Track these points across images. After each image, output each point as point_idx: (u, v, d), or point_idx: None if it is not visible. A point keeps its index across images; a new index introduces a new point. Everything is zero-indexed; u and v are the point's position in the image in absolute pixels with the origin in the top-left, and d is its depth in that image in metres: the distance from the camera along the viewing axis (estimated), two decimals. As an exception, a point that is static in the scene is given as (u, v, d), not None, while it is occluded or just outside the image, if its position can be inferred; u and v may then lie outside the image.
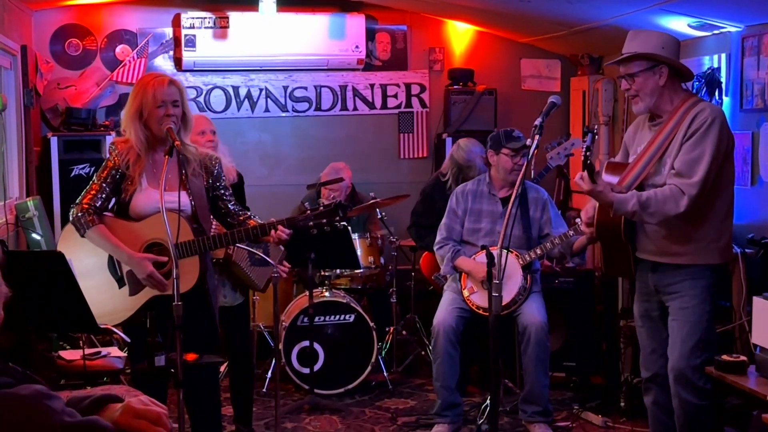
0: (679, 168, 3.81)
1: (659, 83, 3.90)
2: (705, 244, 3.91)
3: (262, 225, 3.96)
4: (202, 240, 3.91)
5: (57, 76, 6.88)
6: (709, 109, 3.86)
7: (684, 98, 3.94)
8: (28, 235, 5.45)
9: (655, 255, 4.01)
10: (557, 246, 5.01)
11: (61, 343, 5.01)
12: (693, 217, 3.85)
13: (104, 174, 3.95)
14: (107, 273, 3.98)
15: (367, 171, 7.20)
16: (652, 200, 3.79)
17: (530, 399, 5.09)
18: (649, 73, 3.90)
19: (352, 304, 6.00)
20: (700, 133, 3.79)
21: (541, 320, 5.03)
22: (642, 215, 3.81)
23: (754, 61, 5.13)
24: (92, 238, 3.91)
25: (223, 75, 7.21)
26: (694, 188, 3.75)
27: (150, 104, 3.86)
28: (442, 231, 5.38)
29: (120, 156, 3.93)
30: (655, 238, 3.97)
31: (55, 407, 1.97)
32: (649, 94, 3.92)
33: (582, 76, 7.23)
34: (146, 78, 4.02)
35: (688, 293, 3.93)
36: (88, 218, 3.88)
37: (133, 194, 3.94)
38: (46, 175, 6.29)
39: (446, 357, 5.09)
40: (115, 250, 3.91)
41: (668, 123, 3.90)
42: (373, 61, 7.41)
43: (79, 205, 3.91)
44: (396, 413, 5.61)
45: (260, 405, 5.78)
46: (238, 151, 7.13)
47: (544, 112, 3.71)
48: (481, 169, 5.96)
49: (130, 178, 3.93)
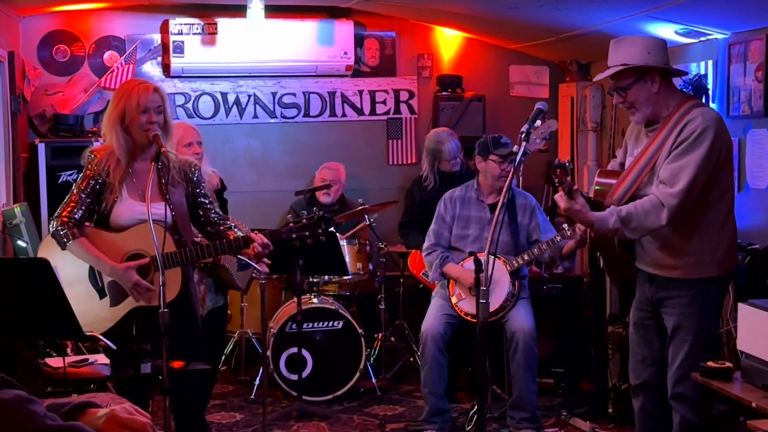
0: (663, 176, 3.70)
1: (653, 90, 3.77)
2: (701, 257, 3.79)
3: (245, 237, 3.97)
4: (184, 252, 3.90)
5: (45, 82, 6.87)
6: (701, 117, 3.69)
7: (680, 102, 3.80)
8: (14, 242, 5.43)
9: (651, 267, 3.93)
10: (545, 251, 5.02)
11: (47, 350, 4.98)
12: (686, 229, 3.76)
13: (83, 185, 3.91)
14: (88, 284, 3.96)
15: (355, 177, 7.20)
16: (633, 215, 3.67)
17: (518, 405, 5.09)
18: (640, 83, 3.76)
19: (340, 310, 5.99)
20: (688, 143, 3.66)
21: (529, 326, 5.03)
22: (624, 231, 3.70)
23: (740, 67, 5.14)
24: (74, 251, 3.89)
25: (211, 81, 7.20)
26: (674, 198, 3.64)
27: (133, 110, 3.83)
28: (430, 237, 5.38)
29: (99, 164, 3.89)
30: (651, 249, 3.89)
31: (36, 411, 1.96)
32: (644, 104, 3.78)
33: (570, 83, 7.24)
34: (129, 84, 3.99)
35: (686, 311, 3.83)
36: (68, 231, 3.86)
37: (113, 205, 3.91)
38: (34, 181, 6.27)
39: (434, 363, 5.08)
40: (97, 262, 3.90)
41: (662, 130, 3.79)
42: (361, 68, 7.41)
43: (58, 218, 3.89)
44: (384, 420, 5.61)
45: (248, 412, 5.76)
46: (226, 157, 7.13)
47: (531, 118, 3.70)
48: (452, 150, 6.14)
49: (110, 187, 3.89)
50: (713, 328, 3.90)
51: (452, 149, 6.18)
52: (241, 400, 6.01)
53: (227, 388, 6.26)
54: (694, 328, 3.82)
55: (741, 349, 3.69)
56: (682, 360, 3.85)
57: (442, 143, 6.23)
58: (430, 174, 6.26)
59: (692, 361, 3.81)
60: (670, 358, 3.90)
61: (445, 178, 6.22)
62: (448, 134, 6.32)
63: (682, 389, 3.86)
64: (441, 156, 6.20)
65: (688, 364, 3.82)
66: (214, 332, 5.16)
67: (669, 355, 3.91)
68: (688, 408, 3.85)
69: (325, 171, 6.70)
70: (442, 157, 6.19)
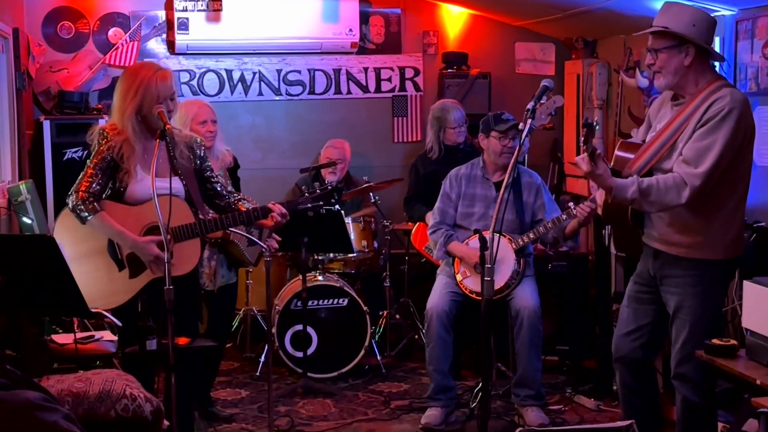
0: (687, 155, 3.66)
1: (684, 63, 3.72)
2: (711, 237, 3.77)
3: (264, 207, 4.08)
4: (202, 222, 3.96)
5: (49, 59, 6.85)
6: (730, 97, 3.64)
7: (710, 81, 3.75)
8: (20, 219, 5.43)
9: (657, 242, 3.91)
10: (550, 230, 5.02)
11: (53, 327, 5.00)
12: (698, 208, 3.72)
13: (97, 160, 3.95)
14: (107, 256, 3.99)
15: (360, 155, 7.18)
16: (653, 188, 3.65)
17: (523, 383, 5.10)
18: (674, 50, 3.72)
19: (345, 288, 6.00)
20: (715, 122, 3.62)
21: (534, 304, 5.03)
22: (641, 203, 3.68)
23: (747, 44, 5.11)
24: (94, 225, 3.92)
25: (216, 58, 7.17)
26: (698, 179, 3.61)
27: (153, 101, 3.90)
28: (435, 215, 5.38)
29: (114, 148, 3.93)
30: (658, 224, 3.87)
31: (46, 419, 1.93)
32: (672, 72, 3.74)
33: (576, 60, 7.21)
34: (146, 72, 3.97)
35: (690, 290, 3.81)
36: (88, 206, 3.89)
37: (128, 184, 3.96)
38: (39, 158, 6.26)
39: (439, 341, 5.09)
40: (119, 235, 3.94)
41: (689, 106, 3.74)
42: (366, 45, 7.38)
43: (76, 193, 3.91)
44: (389, 397, 5.63)
45: (253, 389, 5.79)
46: (231, 134, 7.10)
47: (537, 96, 3.68)
48: (457, 118, 6.18)
49: (125, 170, 3.95)
50: (716, 311, 3.88)
51: (457, 117, 6.21)
52: (247, 377, 6.04)
53: (233, 365, 6.29)
54: (696, 309, 3.81)
55: (746, 327, 3.68)
56: (684, 341, 3.83)
57: (447, 111, 6.25)
58: (435, 144, 6.27)
59: (694, 342, 3.79)
60: (673, 338, 3.90)
61: (450, 150, 6.23)
62: (453, 103, 6.36)
63: (684, 369, 3.85)
64: (445, 124, 6.21)
65: (690, 345, 3.81)
66: (223, 309, 5.20)
67: (672, 335, 3.91)
68: (690, 388, 3.85)
69: (330, 149, 6.68)
70: (447, 125, 6.20)
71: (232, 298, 5.32)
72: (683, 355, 3.84)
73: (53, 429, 1.97)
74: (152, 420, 3.24)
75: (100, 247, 3.99)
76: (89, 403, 3.17)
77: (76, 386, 3.24)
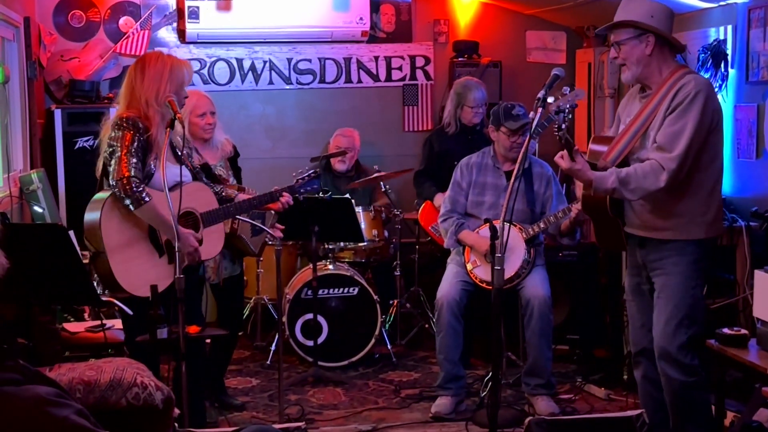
0: (660, 142, 3.77)
1: (645, 52, 3.85)
2: (690, 219, 3.86)
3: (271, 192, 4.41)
4: (225, 208, 4.14)
5: (60, 48, 6.86)
6: (694, 81, 3.79)
7: (673, 70, 3.88)
8: (31, 208, 5.45)
9: (641, 230, 3.98)
10: (560, 219, 5.01)
11: (65, 315, 5.02)
12: (677, 192, 3.81)
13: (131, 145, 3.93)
14: (148, 242, 4.02)
15: (371, 144, 7.18)
16: (632, 176, 3.75)
17: (533, 372, 5.10)
18: (635, 41, 3.86)
19: (355, 277, 6.00)
20: (683, 106, 3.74)
21: (545, 293, 5.03)
22: (622, 192, 3.77)
23: (760, 32, 5.09)
24: (144, 211, 3.90)
25: (226, 47, 7.17)
26: (673, 162, 3.71)
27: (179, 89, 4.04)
28: (446, 203, 5.37)
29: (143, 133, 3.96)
30: (641, 212, 3.95)
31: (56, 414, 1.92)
32: (635, 62, 3.88)
33: (588, 48, 7.18)
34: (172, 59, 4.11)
35: (673, 270, 3.89)
36: (143, 192, 3.88)
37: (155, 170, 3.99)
38: (50, 147, 6.28)
39: (450, 330, 5.09)
40: (164, 225, 3.93)
41: (656, 95, 3.86)
42: (377, 33, 7.37)
43: (125, 178, 3.86)
44: (399, 386, 5.63)
45: (264, 377, 5.81)
46: (241, 123, 7.13)
47: (547, 84, 3.69)
48: (477, 97, 6.15)
49: (154, 155, 3.99)
50: (698, 291, 3.93)
51: (477, 97, 6.17)
52: (257, 366, 6.05)
53: (243, 353, 6.30)
54: (679, 288, 3.88)
55: (757, 316, 3.69)
56: (667, 319, 3.89)
57: (469, 89, 6.21)
58: (452, 120, 6.26)
59: (676, 321, 3.85)
60: (655, 318, 3.95)
61: (466, 130, 6.24)
62: (477, 83, 6.32)
63: (667, 349, 3.89)
64: (464, 101, 6.18)
65: (672, 325, 3.86)
66: (230, 299, 5.22)
67: (654, 316, 3.96)
68: (674, 367, 3.88)
69: (340, 138, 6.68)
70: (465, 102, 6.17)
71: (239, 288, 5.33)
72: (666, 335, 3.88)
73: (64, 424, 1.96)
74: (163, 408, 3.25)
75: (143, 234, 4.00)
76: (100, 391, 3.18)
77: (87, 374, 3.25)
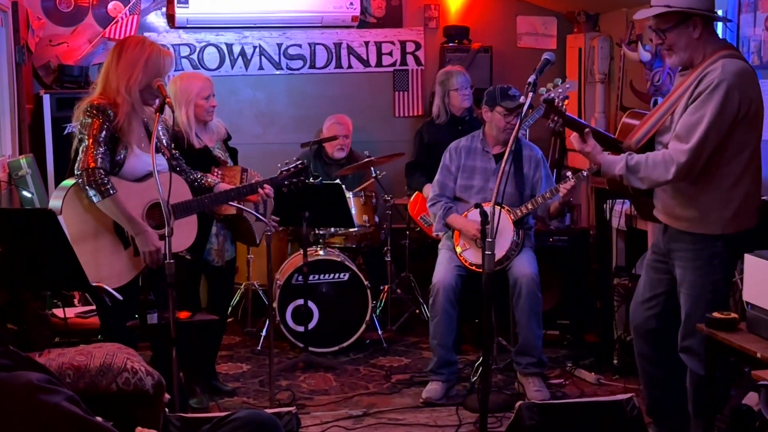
0: (679, 131, 3.67)
1: (694, 36, 3.69)
2: (706, 213, 3.76)
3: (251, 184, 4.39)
4: (199, 199, 4.01)
5: (49, 32, 6.82)
6: (721, 69, 3.60)
7: (714, 50, 3.71)
8: (20, 193, 5.43)
9: (663, 215, 3.93)
10: (548, 200, 5.02)
11: (54, 301, 5.01)
12: (698, 181, 3.71)
13: (99, 134, 3.90)
14: (114, 234, 3.99)
15: (362, 129, 7.16)
16: (641, 165, 3.69)
17: (524, 351, 5.11)
18: (682, 26, 3.68)
19: (346, 262, 6.00)
20: (703, 97, 3.61)
21: (532, 272, 5.03)
22: (630, 179, 3.72)
23: (750, 17, 5.08)
24: (106, 206, 3.88)
25: (216, 32, 7.14)
26: (683, 155, 3.60)
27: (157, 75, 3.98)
28: (435, 187, 5.37)
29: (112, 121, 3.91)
30: (662, 197, 3.89)
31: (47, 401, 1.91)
32: (683, 48, 3.71)
33: (578, 34, 7.17)
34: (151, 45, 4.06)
35: (690, 264, 3.82)
36: (107, 183, 3.84)
37: (126, 159, 3.95)
38: (39, 132, 6.25)
39: (444, 315, 5.09)
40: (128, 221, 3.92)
41: (690, 77, 3.73)
42: (367, 18, 7.34)
43: (90, 169, 3.84)
44: (390, 371, 5.64)
45: (255, 363, 5.80)
46: (232, 109, 7.10)
47: (538, 69, 3.66)
48: (461, 80, 6.23)
49: (124, 144, 3.94)
50: (719, 285, 3.84)
51: (461, 80, 6.25)
52: (248, 352, 6.05)
53: (234, 339, 6.30)
54: (697, 283, 3.82)
55: (747, 300, 3.68)
56: (687, 314, 3.85)
57: (452, 74, 6.31)
58: (441, 110, 6.30)
59: (697, 316, 3.80)
60: (682, 310, 3.91)
61: (455, 120, 6.28)
62: (458, 69, 6.42)
63: (689, 343, 3.87)
64: (449, 86, 6.25)
65: (693, 319, 3.81)
66: (225, 283, 5.21)
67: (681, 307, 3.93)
68: (696, 362, 3.85)
69: (336, 125, 6.67)
70: (450, 87, 6.24)
71: (233, 272, 5.34)
72: (687, 329, 3.86)
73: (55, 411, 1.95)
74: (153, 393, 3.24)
75: (107, 226, 3.98)
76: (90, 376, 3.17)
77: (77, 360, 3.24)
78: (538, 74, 3.63)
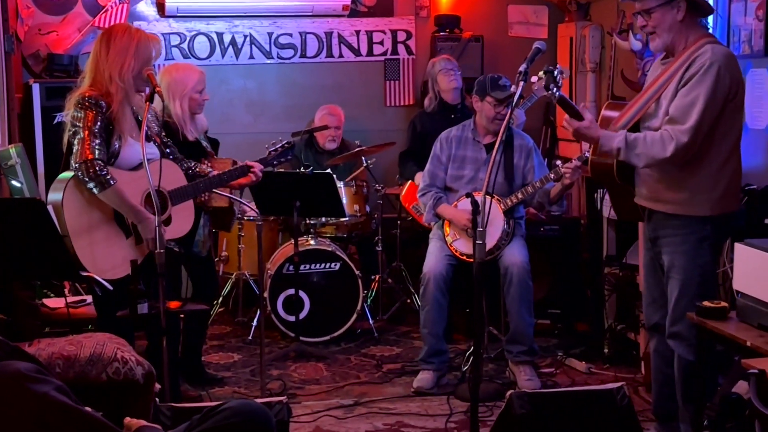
0: (673, 113, 3.70)
1: (677, 18, 3.72)
2: (696, 194, 3.77)
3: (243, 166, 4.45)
4: (194, 184, 4.06)
5: (38, 21, 6.78)
6: (711, 52, 3.66)
7: (697, 38, 3.76)
8: (9, 183, 5.40)
9: (648, 201, 3.93)
10: (538, 190, 5.02)
11: (44, 290, 4.99)
12: (686, 164, 3.74)
13: (94, 125, 3.89)
14: (114, 224, 3.98)
15: (353, 119, 7.14)
16: (639, 141, 3.70)
17: (515, 339, 5.11)
18: (666, 7, 3.72)
19: (337, 252, 5.99)
20: (696, 78, 3.65)
21: (522, 260, 5.04)
22: (628, 154, 3.72)
23: (741, 6, 5.08)
24: (108, 196, 3.88)
25: (206, 21, 7.10)
26: (684, 135, 3.63)
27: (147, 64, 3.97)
28: (425, 177, 5.37)
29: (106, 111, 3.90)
30: (648, 181, 3.89)
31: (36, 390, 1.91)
32: (666, 30, 3.75)
33: (569, 23, 7.17)
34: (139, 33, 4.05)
35: (679, 249, 3.84)
36: (107, 174, 3.84)
37: (121, 148, 3.94)
38: (29, 122, 6.23)
39: (435, 304, 5.09)
40: (129, 210, 3.92)
41: (674, 63, 3.76)
42: (358, 8, 7.32)
43: (88, 161, 3.83)
44: (381, 360, 5.64)
45: (246, 352, 5.80)
46: (222, 98, 7.08)
47: (529, 58, 3.65)
48: (447, 65, 6.34)
49: (118, 134, 3.93)
50: (707, 268, 3.87)
51: (445, 63, 6.38)
52: (239, 341, 6.05)
53: (225, 329, 6.30)
54: (686, 267, 3.83)
55: (737, 289, 3.69)
56: (676, 299, 3.86)
57: (437, 61, 6.48)
58: (433, 100, 6.41)
59: (686, 300, 3.81)
60: (668, 297, 3.92)
61: (447, 108, 6.32)
62: (443, 57, 6.57)
63: (678, 329, 3.87)
64: (436, 72, 6.33)
65: (682, 304, 3.82)
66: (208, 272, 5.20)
67: (667, 295, 3.93)
68: (685, 347, 3.86)
69: (328, 116, 6.66)
70: (438, 72, 6.30)
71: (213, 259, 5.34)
72: (676, 314, 3.86)
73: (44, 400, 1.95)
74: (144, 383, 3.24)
75: (108, 215, 3.97)
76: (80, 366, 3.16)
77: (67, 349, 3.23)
78: (529, 63, 3.62)
